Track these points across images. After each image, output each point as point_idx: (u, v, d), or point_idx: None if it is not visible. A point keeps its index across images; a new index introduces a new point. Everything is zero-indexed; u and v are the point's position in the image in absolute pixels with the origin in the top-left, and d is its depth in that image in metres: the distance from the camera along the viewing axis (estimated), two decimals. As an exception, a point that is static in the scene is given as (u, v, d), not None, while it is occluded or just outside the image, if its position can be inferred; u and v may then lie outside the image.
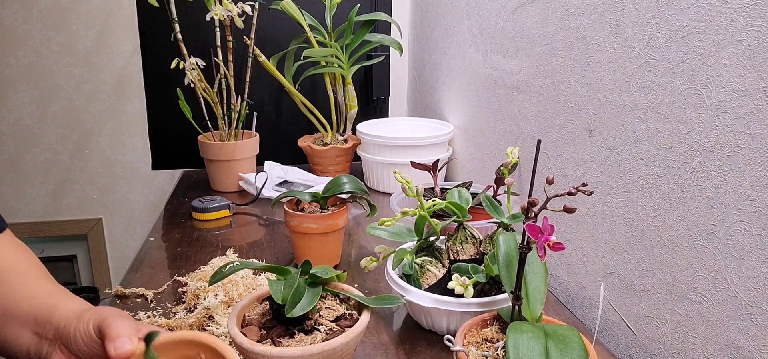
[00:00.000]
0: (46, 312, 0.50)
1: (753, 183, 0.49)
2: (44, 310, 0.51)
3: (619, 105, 0.66)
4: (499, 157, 1.01)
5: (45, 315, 0.50)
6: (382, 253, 0.69)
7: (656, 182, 0.61)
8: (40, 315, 0.50)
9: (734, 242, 0.52)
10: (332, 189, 0.81)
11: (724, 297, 0.53)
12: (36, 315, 0.50)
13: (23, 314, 0.51)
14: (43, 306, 0.51)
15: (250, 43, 1.20)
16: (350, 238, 0.99)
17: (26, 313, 0.51)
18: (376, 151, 1.21)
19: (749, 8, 0.48)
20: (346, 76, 1.31)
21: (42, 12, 1.50)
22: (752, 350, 0.51)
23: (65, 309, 0.50)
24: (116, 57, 1.57)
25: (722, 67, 0.52)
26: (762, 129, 0.48)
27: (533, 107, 0.86)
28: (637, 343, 0.66)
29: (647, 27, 0.61)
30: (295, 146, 1.39)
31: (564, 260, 0.81)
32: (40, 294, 0.52)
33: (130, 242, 1.74)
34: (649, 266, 0.63)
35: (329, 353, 0.50)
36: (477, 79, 1.09)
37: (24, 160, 1.60)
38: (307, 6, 1.31)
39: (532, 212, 0.48)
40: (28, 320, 0.51)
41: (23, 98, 1.56)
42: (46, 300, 0.52)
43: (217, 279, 0.57)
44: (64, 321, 0.49)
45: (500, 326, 0.55)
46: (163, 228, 1.04)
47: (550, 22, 0.80)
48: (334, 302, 0.59)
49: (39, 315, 0.50)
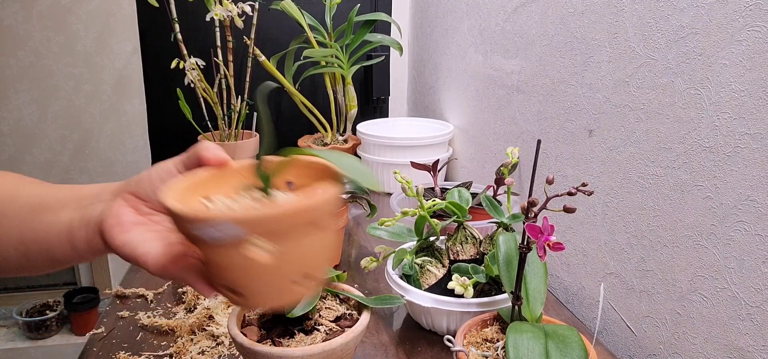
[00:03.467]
0: (95, 188, 0.48)
1: (753, 183, 0.49)
2: (92, 189, 0.48)
3: (619, 105, 0.66)
4: (499, 157, 1.01)
5: (95, 189, 0.48)
6: (382, 253, 0.69)
7: (656, 182, 0.61)
8: (86, 191, 0.48)
9: (734, 242, 0.52)
10: (332, 189, 0.81)
11: (724, 297, 0.53)
12: (80, 194, 0.48)
13: (60, 200, 0.48)
14: (88, 187, 0.49)
15: (250, 43, 1.20)
16: (350, 238, 0.99)
17: (63, 198, 0.48)
18: (376, 151, 1.21)
19: (749, 8, 0.48)
20: (346, 76, 1.31)
21: (42, 12, 1.50)
22: (752, 350, 0.51)
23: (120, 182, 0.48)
24: (116, 57, 1.57)
25: (722, 67, 0.52)
26: (762, 129, 0.48)
27: (533, 107, 0.86)
28: (637, 343, 0.66)
29: (647, 27, 0.61)
30: (295, 146, 1.39)
31: (564, 260, 0.81)
32: (76, 185, 0.50)
33: (130, 243, 1.74)
34: (649, 266, 0.63)
35: (329, 353, 0.50)
36: (477, 80, 1.09)
37: (24, 160, 1.60)
38: (307, 6, 1.31)
39: (532, 212, 0.48)
40: (68, 202, 0.47)
41: (23, 99, 1.56)
42: (89, 185, 0.49)
43: (217, 279, 0.57)
44: (127, 181, 0.47)
45: (500, 326, 0.55)
46: (163, 228, 1.04)
47: (550, 22, 0.80)
48: (334, 302, 0.59)
49: (85, 192, 0.48)
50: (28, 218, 0.48)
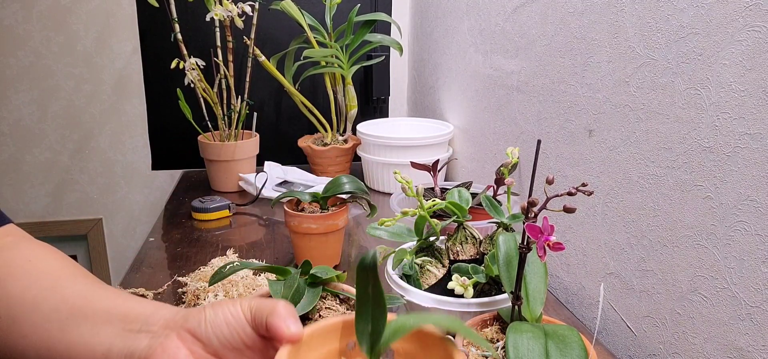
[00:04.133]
0: (146, 308, 0.44)
1: (753, 183, 0.49)
2: (141, 308, 0.44)
3: (619, 105, 0.66)
4: (499, 157, 1.01)
5: (145, 311, 0.43)
6: (382, 253, 0.69)
7: (656, 182, 0.61)
8: (134, 312, 0.43)
9: (734, 242, 0.52)
10: (332, 189, 0.81)
11: (724, 297, 0.53)
12: (126, 312, 0.43)
13: (102, 311, 0.43)
14: (136, 305, 0.44)
15: (250, 43, 1.20)
16: (350, 238, 0.99)
17: (107, 311, 0.43)
18: (376, 151, 1.21)
19: (749, 8, 0.48)
20: (346, 76, 1.31)
21: (42, 12, 1.50)
22: (752, 350, 0.51)
23: (170, 308, 0.44)
24: (116, 57, 1.57)
25: (722, 67, 0.52)
26: (762, 129, 0.48)
27: (533, 107, 0.86)
28: (637, 343, 0.66)
29: (647, 27, 0.61)
30: (295, 146, 1.39)
31: (564, 260, 0.81)
32: (122, 295, 0.45)
33: (130, 243, 1.74)
34: (649, 266, 0.63)
35: (329, 353, 0.50)
36: (477, 80, 1.09)
37: (24, 160, 1.60)
38: (307, 6, 1.31)
39: (532, 212, 0.48)
40: (111, 317, 0.43)
41: (23, 98, 1.56)
42: (136, 300, 0.45)
43: (217, 280, 0.57)
44: (182, 312, 0.42)
45: (500, 326, 0.55)
46: (163, 228, 1.04)
47: (550, 22, 0.80)
48: (334, 302, 0.59)
49: (133, 312, 0.43)
50: (62, 324, 0.42)
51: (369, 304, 0.40)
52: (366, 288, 0.40)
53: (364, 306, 0.41)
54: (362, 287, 0.40)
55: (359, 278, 0.40)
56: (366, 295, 0.40)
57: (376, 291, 0.40)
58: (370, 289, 0.40)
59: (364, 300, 0.41)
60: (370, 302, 0.40)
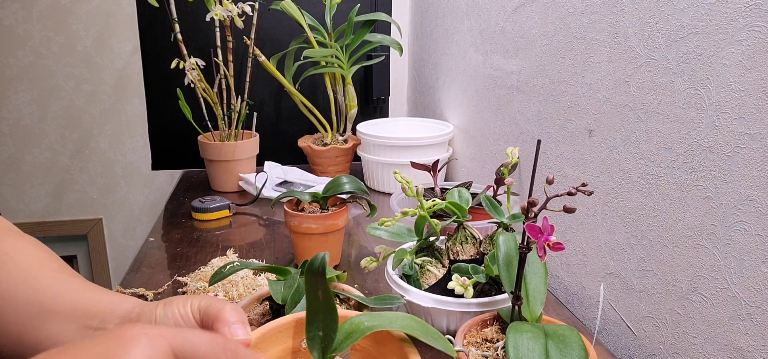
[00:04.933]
0: (106, 305, 0.46)
1: (753, 183, 0.49)
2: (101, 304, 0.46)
3: (619, 105, 0.66)
4: (499, 157, 1.01)
5: (105, 307, 0.45)
6: (382, 253, 0.69)
7: (656, 182, 0.61)
8: (95, 307, 0.45)
9: (734, 242, 0.52)
10: (332, 189, 0.81)
11: (724, 297, 0.53)
12: (88, 307, 0.45)
13: (67, 308, 0.45)
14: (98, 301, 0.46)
15: (250, 43, 1.20)
16: (350, 238, 0.99)
17: (71, 307, 0.45)
18: (376, 151, 1.21)
19: (749, 8, 0.48)
20: (346, 76, 1.31)
21: (42, 12, 1.50)
22: (752, 350, 0.51)
23: (131, 302, 0.46)
24: (116, 57, 1.57)
25: (722, 67, 0.52)
26: (762, 129, 0.48)
27: (533, 107, 0.86)
28: (637, 343, 0.66)
29: (647, 27, 0.61)
30: (295, 146, 1.39)
31: (564, 260, 0.81)
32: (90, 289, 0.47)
33: (130, 243, 1.74)
34: (649, 266, 0.63)
35: (329, 353, 0.50)
36: (477, 79, 1.09)
37: (24, 160, 1.60)
38: (307, 6, 1.31)
39: (532, 212, 0.48)
40: (74, 314, 0.45)
41: (23, 98, 1.56)
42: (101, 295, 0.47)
43: (217, 280, 0.57)
44: (138, 309, 0.45)
45: (500, 326, 0.55)
46: (163, 228, 1.04)
47: (550, 22, 0.80)
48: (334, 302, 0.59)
49: (94, 308, 0.45)
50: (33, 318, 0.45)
51: (320, 310, 0.40)
52: (316, 292, 0.40)
53: (314, 312, 0.40)
54: (312, 292, 0.40)
55: (309, 283, 0.40)
56: (316, 300, 0.40)
57: (325, 296, 0.40)
58: (319, 294, 0.40)
59: (314, 306, 0.40)
60: (320, 308, 0.40)
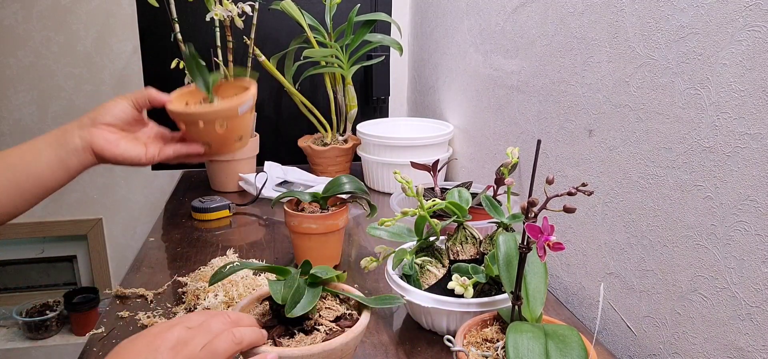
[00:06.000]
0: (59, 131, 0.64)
1: (753, 183, 0.49)
2: (54, 133, 0.64)
3: (619, 105, 0.66)
4: (499, 157, 1.01)
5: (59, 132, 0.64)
6: (382, 253, 0.69)
7: (656, 182, 0.61)
8: (53, 135, 0.64)
9: (734, 242, 0.52)
10: (332, 189, 0.81)
11: (724, 297, 0.53)
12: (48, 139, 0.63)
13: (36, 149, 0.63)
14: (50, 134, 0.64)
15: (250, 43, 1.20)
16: (350, 238, 0.99)
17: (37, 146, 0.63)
18: (376, 151, 1.21)
19: (749, 8, 0.48)
20: (346, 76, 1.31)
21: (42, 12, 1.50)
22: (752, 350, 0.51)
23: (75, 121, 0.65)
24: (116, 57, 1.57)
25: (722, 67, 0.52)
26: (762, 129, 0.48)
27: (533, 107, 0.86)
28: (637, 343, 0.66)
29: (647, 27, 0.61)
30: (295, 146, 1.38)
31: (564, 260, 0.81)
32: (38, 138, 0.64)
33: (130, 242, 1.74)
34: (649, 266, 0.63)
35: (329, 353, 0.50)
36: (477, 79, 1.09)
37: (24, 160, 1.60)
38: (307, 6, 1.31)
39: (532, 212, 0.48)
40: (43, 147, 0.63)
41: (23, 99, 1.56)
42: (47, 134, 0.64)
43: (217, 279, 0.57)
44: (87, 117, 0.65)
45: (500, 326, 0.55)
46: (163, 228, 1.04)
47: (550, 22, 0.80)
48: (334, 302, 0.59)
49: (53, 135, 0.64)
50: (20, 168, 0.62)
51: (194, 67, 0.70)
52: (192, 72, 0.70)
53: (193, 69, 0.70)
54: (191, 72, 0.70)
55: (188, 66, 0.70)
56: (191, 66, 0.69)
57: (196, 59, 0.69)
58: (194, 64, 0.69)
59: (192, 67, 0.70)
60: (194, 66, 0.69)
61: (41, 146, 0.63)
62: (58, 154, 0.62)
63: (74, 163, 0.63)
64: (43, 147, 0.62)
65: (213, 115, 0.66)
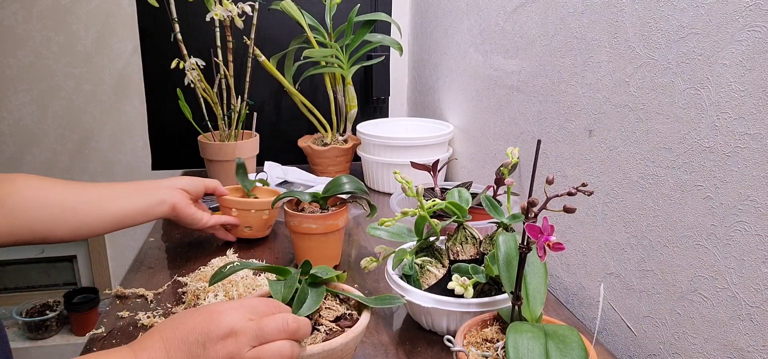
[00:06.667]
0: (149, 184, 0.83)
1: (753, 183, 0.49)
2: (145, 185, 0.82)
3: (619, 105, 0.66)
4: (499, 157, 1.01)
5: (150, 185, 0.83)
6: (382, 253, 0.69)
7: (656, 182, 0.61)
8: (144, 186, 0.82)
9: (734, 242, 0.52)
10: (332, 189, 0.81)
11: (724, 297, 0.54)
12: (142, 187, 0.81)
13: (132, 194, 0.79)
14: (142, 185, 0.82)
15: (250, 43, 1.20)
16: (350, 238, 0.99)
17: (134, 193, 0.80)
18: (376, 151, 1.21)
19: (749, 8, 0.48)
20: (346, 76, 1.31)
21: (42, 12, 1.50)
22: (752, 350, 0.51)
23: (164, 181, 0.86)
24: (116, 57, 1.57)
25: (722, 67, 0.52)
26: (762, 129, 0.48)
27: (533, 107, 0.86)
28: (637, 343, 0.66)
29: (647, 27, 0.61)
30: (295, 146, 1.38)
31: (564, 260, 0.81)
32: (137, 183, 0.83)
33: (130, 242, 1.74)
34: (649, 266, 0.63)
35: (329, 353, 0.50)
36: (477, 80, 1.09)
37: (24, 160, 1.60)
38: (307, 6, 1.31)
39: (532, 213, 0.48)
40: (137, 194, 0.80)
41: (23, 98, 1.56)
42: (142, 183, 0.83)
43: (217, 280, 0.57)
44: (174, 181, 0.85)
45: (500, 326, 0.55)
46: (163, 228, 1.04)
47: (550, 23, 0.80)
48: (334, 302, 0.59)
49: (145, 186, 0.82)
50: (122, 208, 0.77)
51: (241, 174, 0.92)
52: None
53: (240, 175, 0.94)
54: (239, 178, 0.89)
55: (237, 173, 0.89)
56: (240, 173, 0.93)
57: None
58: None
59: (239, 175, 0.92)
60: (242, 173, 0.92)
61: (131, 190, 0.79)
62: (148, 203, 0.79)
63: (155, 213, 0.80)
64: (133, 192, 0.79)
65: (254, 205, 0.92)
